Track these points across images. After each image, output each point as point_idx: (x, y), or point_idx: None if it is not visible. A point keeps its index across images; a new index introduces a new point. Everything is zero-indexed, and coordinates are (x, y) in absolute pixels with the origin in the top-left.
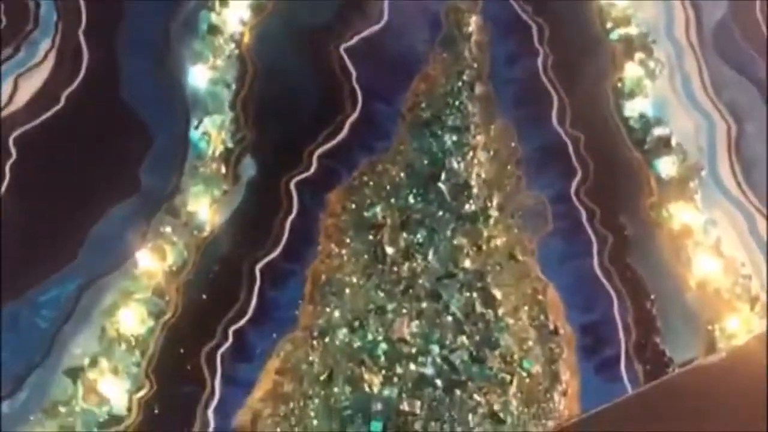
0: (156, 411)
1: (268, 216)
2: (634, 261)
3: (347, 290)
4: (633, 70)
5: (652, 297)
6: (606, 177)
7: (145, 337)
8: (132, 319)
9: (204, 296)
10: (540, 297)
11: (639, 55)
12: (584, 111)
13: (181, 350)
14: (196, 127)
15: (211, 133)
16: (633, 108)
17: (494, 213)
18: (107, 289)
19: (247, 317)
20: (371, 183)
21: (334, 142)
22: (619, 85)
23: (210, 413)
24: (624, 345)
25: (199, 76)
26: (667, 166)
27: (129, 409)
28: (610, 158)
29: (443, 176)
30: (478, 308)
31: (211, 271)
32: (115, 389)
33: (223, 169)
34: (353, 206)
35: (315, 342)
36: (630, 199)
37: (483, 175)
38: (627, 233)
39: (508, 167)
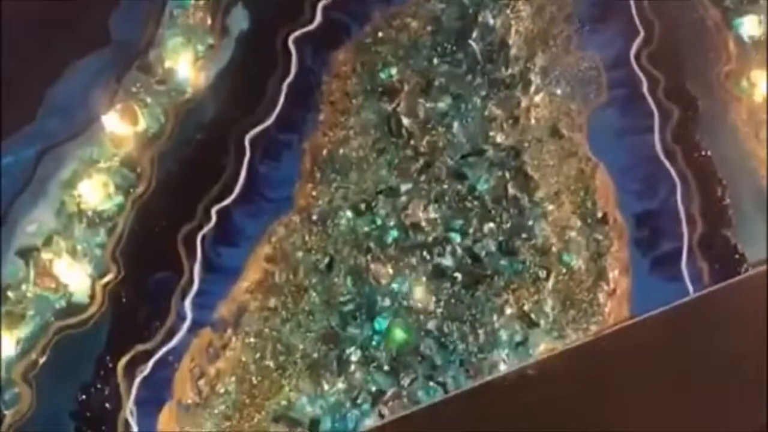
0: (124, 300)
1: (261, 77)
2: (704, 140)
3: (353, 167)
4: None
5: (724, 182)
6: (674, 38)
7: (111, 214)
8: (96, 192)
9: (183, 169)
10: (587, 179)
11: None
12: None
13: (156, 230)
14: None
15: None
16: None
17: (536, 78)
18: (68, 158)
19: (233, 195)
20: (386, 39)
21: None
22: None
23: (187, 304)
24: (687, 238)
25: None
26: (751, 26)
27: (91, 297)
28: (680, 15)
29: (475, 33)
30: (511, 191)
31: (192, 140)
32: (75, 273)
33: (209, 20)
34: (364, 67)
35: (313, 226)
36: (702, 66)
37: (524, 32)
38: (697, 107)
39: (556, 23)
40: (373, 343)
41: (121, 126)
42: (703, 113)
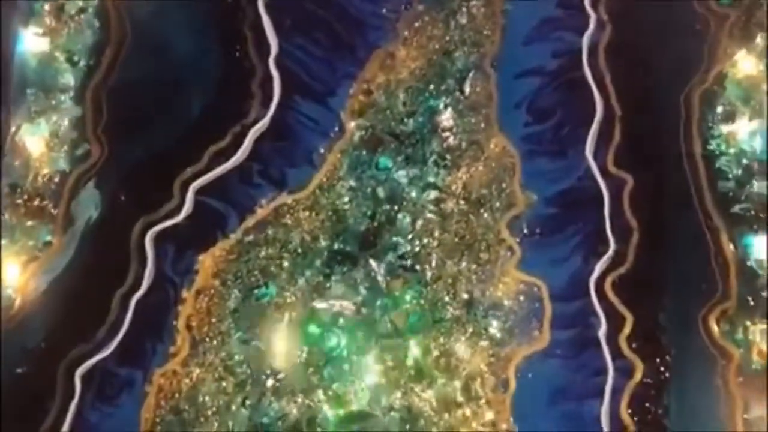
0: None
1: (105, 289)
2: (672, 418)
3: (204, 422)
4: (745, 64)
5: None
6: (656, 259)
7: None
8: None
9: None
10: None
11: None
12: (638, 138)
13: None
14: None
15: (33, 145)
16: (730, 136)
17: (454, 312)
18: None
19: None
20: (272, 240)
21: (223, 166)
22: (715, 89)
23: None
24: None
25: (29, 46)
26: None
27: None
28: (670, 227)
29: (384, 239)
30: None
31: (11, 373)
32: None
33: (51, 206)
34: (237, 280)
35: None
36: (689, 301)
37: (448, 242)
38: (667, 363)
39: (495, 228)
40: None
41: None
42: (676, 374)
